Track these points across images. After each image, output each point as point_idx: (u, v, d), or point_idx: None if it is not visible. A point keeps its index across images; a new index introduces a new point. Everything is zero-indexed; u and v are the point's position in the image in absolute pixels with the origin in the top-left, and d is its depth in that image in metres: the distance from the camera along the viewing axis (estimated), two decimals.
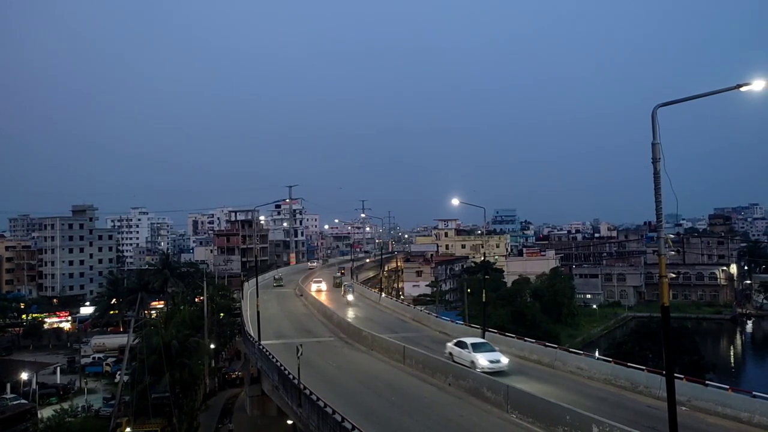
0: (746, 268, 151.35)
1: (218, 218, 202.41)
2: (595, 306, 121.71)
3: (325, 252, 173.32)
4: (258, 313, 43.70)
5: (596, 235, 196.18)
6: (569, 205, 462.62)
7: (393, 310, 57.79)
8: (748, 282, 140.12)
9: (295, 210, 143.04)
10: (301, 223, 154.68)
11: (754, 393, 23.35)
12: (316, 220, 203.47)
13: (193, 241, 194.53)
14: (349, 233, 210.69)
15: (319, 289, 73.34)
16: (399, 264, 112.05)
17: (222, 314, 73.95)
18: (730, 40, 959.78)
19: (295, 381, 28.54)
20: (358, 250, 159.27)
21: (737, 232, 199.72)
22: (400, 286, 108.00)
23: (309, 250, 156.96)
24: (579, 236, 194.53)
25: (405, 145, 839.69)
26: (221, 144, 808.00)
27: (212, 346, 64.65)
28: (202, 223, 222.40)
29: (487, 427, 22.81)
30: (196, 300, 78.18)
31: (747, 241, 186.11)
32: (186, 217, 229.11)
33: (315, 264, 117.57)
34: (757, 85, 14.38)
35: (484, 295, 45.23)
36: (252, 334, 44.47)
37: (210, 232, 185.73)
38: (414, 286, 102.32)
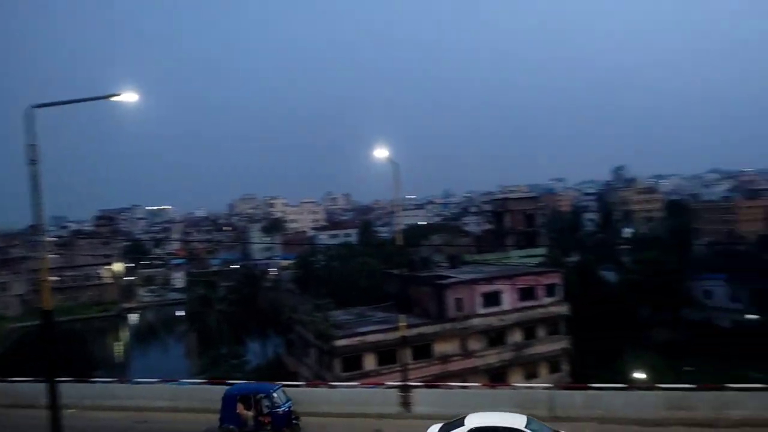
0: (131, 264, 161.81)
1: None
2: None
3: None
4: None
5: None
6: None
7: None
8: (133, 278, 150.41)
9: None
10: None
11: (133, 380, 25.51)
12: None
13: None
14: None
15: None
16: None
17: None
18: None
19: None
20: None
21: (122, 231, 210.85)
22: None
23: None
24: None
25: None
26: None
27: None
28: None
29: None
30: None
31: (131, 240, 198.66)
32: None
33: None
34: (128, 97, 15.75)
35: None
36: None
37: None
38: None
